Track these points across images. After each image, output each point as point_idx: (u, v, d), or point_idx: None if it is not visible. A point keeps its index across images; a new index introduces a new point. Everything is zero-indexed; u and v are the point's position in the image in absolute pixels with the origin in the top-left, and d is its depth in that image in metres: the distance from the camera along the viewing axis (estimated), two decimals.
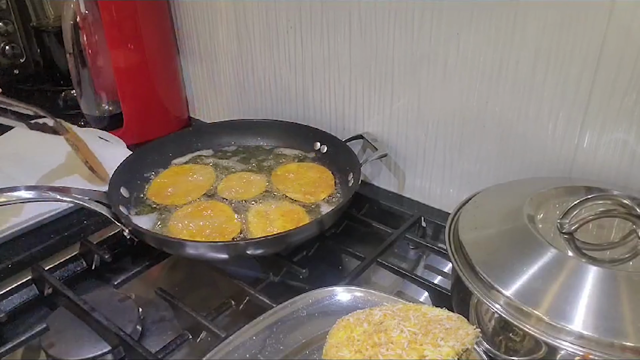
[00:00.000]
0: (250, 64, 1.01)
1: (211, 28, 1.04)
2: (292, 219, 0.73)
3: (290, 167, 0.87)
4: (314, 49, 0.88)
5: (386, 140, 0.86)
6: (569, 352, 0.45)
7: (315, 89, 0.92)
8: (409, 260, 0.79)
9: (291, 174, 0.84)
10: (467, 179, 0.78)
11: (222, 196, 0.80)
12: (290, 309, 0.57)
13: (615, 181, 0.64)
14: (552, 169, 0.69)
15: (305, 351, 0.55)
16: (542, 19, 0.62)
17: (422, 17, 0.72)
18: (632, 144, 0.62)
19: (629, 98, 0.60)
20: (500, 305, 0.49)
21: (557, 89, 0.65)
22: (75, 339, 0.62)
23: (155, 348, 0.59)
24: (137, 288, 0.72)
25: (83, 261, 0.75)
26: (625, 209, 0.53)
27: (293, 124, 0.94)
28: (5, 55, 1.37)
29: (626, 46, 0.58)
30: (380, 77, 0.81)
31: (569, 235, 0.54)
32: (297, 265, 0.69)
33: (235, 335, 0.53)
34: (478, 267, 0.52)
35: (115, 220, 0.70)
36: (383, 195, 0.90)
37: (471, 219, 0.60)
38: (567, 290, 0.48)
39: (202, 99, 1.17)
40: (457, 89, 0.73)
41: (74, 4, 1.01)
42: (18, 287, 0.70)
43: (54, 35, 1.22)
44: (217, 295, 0.70)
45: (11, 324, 0.67)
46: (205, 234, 0.71)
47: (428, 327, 0.47)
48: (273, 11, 0.91)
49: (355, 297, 0.58)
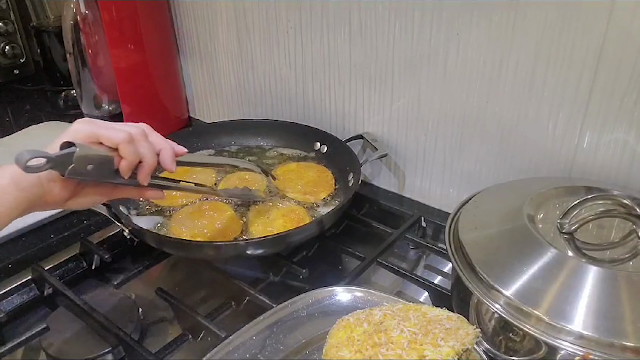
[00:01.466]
0: (250, 64, 1.01)
1: (211, 28, 1.04)
2: (292, 218, 0.73)
3: (290, 166, 0.87)
4: (314, 49, 0.88)
5: (386, 140, 0.86)
6: (569, 352, 0.45)
7: (315, 89, 0.92)
8: (409, 260, 0.79)
9: (291, 174, 0.84)
10: (467, 179, 0.78)
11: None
12: (290, 309, 0.57)
13: (615, 181, 0.64)
14: (552, 169, 0.69)
15: (305, 351, 0.55)
16: (542, 19, 0.62)
17: (422, 17, 0.72)
18: (632, 144, 0.62)
19: (629, 98, 0.60)
20: (500, 305, 0.49)
21: (557, 89, 0.65)
22: (75, 339, 0.62)
23: (155, 348, 0.59)
24: (137, 288, 0.72)
25: (83, 261, 0.76)
26: (625, 209, 0.53)
27: (293, 124, 0.94)
28: (5, 55, 1.37)
29: (626, 46, 0.58)
30: (380, 77, 0.81)
31: (569, 235, 0.54)
32: (297, 265, 0.69)
33: (235, 335, 0.54)
34: (478, 267, 0.52)
35: (115, 220, 0.70)
36: (383, 195, 0.90)
37: (471, 219, 0.60)
38: (567, 290, 0.48)
39: (202, 99, 1.17)
40: (457, 89, 0.73)
41: (74, 4, 1.02)
42: (18, 287, 0.70)
43: (54, 35, 1.22)
44: (217, 295, 0.71)
45: (11, 324, 0.67)
46: (207, 235, 0.71)
47: (428, 327, 0.47)
48: (273, 11, 0.90)
49: (355, 297, 0.58)
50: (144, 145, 0.54)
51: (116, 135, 0.52)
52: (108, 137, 0.52)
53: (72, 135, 0.51)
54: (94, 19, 1.01)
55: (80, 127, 0.52)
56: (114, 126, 0.53)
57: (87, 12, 1.01)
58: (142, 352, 0.58)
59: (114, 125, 0.53)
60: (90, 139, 0.52)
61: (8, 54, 1.37)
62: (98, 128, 0.52)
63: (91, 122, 0.53)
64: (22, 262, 0.74)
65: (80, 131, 0.51)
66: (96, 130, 0.52)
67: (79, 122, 0.52)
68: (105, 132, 0.52)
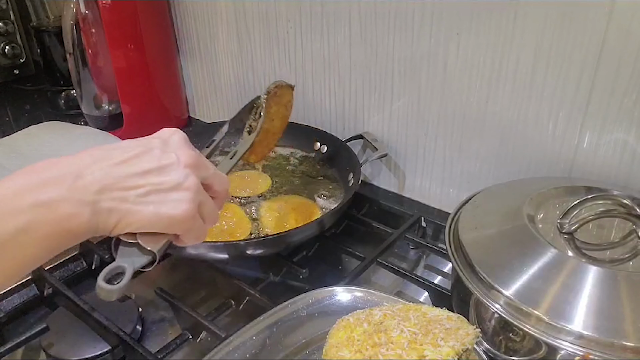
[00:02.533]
0: (250, 64, 1.01)
1: (211, 28, 1.04)
2: (303, 212, 0.74)
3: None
4: (314, 49, 0.88)
5: (386, 140, 0.86)
6: (569, 352, 0.45)
7: (315, 89, 0.92)
8: (409, 260, 0.79)
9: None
10: (467, 179, 0.78)
11: (232, 194, 0.80)
12: (290, 309, 0.56)
13: (615, 181, 0.64)
14: (552, 169, 0.69)
15: (305, 351, 0.55)
16: (542, 19, 0.62)
17: (422, 18, 0.72)
18: (632, 144, 0.62)
19: (629, 98, 0.60)
20: (500, 305, 0.49)
21: (557, 89, 0.64)
22: (75, 339, 0.62)
23: (155, 348, 0.59)
24: (137, 288, 0.72)
25: (83, 261, 0.75)
26: (625, 209, 0.53)
27: (293, 124, 0.93)
28: (5, 55, 1.37)
29: (626, 46, 0.58)
30: (380, 77, 0.81)
31: (569, 235, 0.54)
32: (297, 265, 0.69)
33: (235, 335, 0.53)
34: (478, 267, 0.52)
35: None
36: (383, 195, 0.90)
37: (471, 219, 0.60)
38: (567, 290, 0.48)
39: (202, 99, 1.17)
40: (457, 89, 0.73)
41: (74, 4, 1.01)
42: (18, 287, 0.70)
43: (54, 35, 1.22)
44: (217, 295, 0.71)
45: (11, 324, 0.67)
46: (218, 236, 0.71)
47: (428, 327, 0.47)
48: (273, 11, 0.90)
49: (355, 297, 0.58)
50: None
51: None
52: (190, 238, 0.42)
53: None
54: (94, 19, 1.01)
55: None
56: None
57: (87, 12, 1.01)
58: (142, 352, 0.58)
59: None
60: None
61: (8, 54, 1.37)
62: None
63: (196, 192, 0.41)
64: None
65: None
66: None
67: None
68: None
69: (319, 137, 0.90)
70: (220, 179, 0.45)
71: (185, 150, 0.42)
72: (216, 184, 0.45)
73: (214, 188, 0.44)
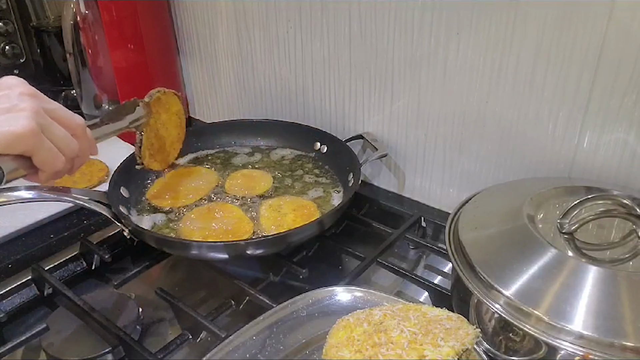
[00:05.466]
0: (250, 64, 1.01)
1: (211, 28, 1.04)
2: (302, 213, 0.74)
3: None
4: (314, 49, 0.88)
5: (386, 140, 0.86)
6: (569, 352, 0.45)
7: (315, 89, 0.92)
8: (409, 260, 0.79)
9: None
10: (467, 179, 0.78)
11: (232, 193, 0.80)
12: (290, 309, 0.56)
13: (615, 181, 0.64)
14: (552, 169, 0.69)
15: (305, 351, 0.55)
16: (542, 19, 0.62)
17: (422, 18, 0.72)
18: (632, 144, 0.62)
19: (629, 98, 0.60)
20: (500, 305, 0.49)
21: (557, 89, 0.64)
22: (75, 339, 0.62)
23: (155, 348, 0.59)
24: (137, 288, 0.72)
25: (83, 261, 0.76)
26: (625, 209, 0.53)
27: (293, 124, 0.94)
28: (5, 55, 1.37)
29: (626, 46, 0.58)
30: (380, 77, 0.81)
31: (569, 235, 0.54)
32: (297, 265, 0.69)
33: (235, 335, 0.53)
34: (478, 267, 0.52)
35: (115, 220, 0.70)
36: (383, 195, 0.90)
37: (471, 219, 0.60)
38: (567, 290, 0.48)
39: (202, 99, 1.17)
40: (457, 89, 0.73)
41: (74, 4, 1.01)
42: (18, 287, 0.70)
43: (54, 35, 1.22)
44: (217, 295, 0.71)
45: (11, 324, 0.67)
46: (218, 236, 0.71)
47: (428, 327, 0.47)
48: (273, 11, 0.90)
49: (355, 297, 0.58)
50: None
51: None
52: (43, 161, 0.45)
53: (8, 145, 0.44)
54: (94, 19, 1.01)
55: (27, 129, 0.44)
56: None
57: (87, 12, 1.01)
58: (142, 352, 0.58)
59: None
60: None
61: (8, 54, 1.37)
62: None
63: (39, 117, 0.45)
64: (22, 262, 0.74)
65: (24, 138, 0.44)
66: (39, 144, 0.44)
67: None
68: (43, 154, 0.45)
69: (319, 137, 0.90)
70: (67, 113, 0.48)
71: (21, 85, 0.47)
72: (63, 117, 0.48)
73: (63, 121, 0.48)
